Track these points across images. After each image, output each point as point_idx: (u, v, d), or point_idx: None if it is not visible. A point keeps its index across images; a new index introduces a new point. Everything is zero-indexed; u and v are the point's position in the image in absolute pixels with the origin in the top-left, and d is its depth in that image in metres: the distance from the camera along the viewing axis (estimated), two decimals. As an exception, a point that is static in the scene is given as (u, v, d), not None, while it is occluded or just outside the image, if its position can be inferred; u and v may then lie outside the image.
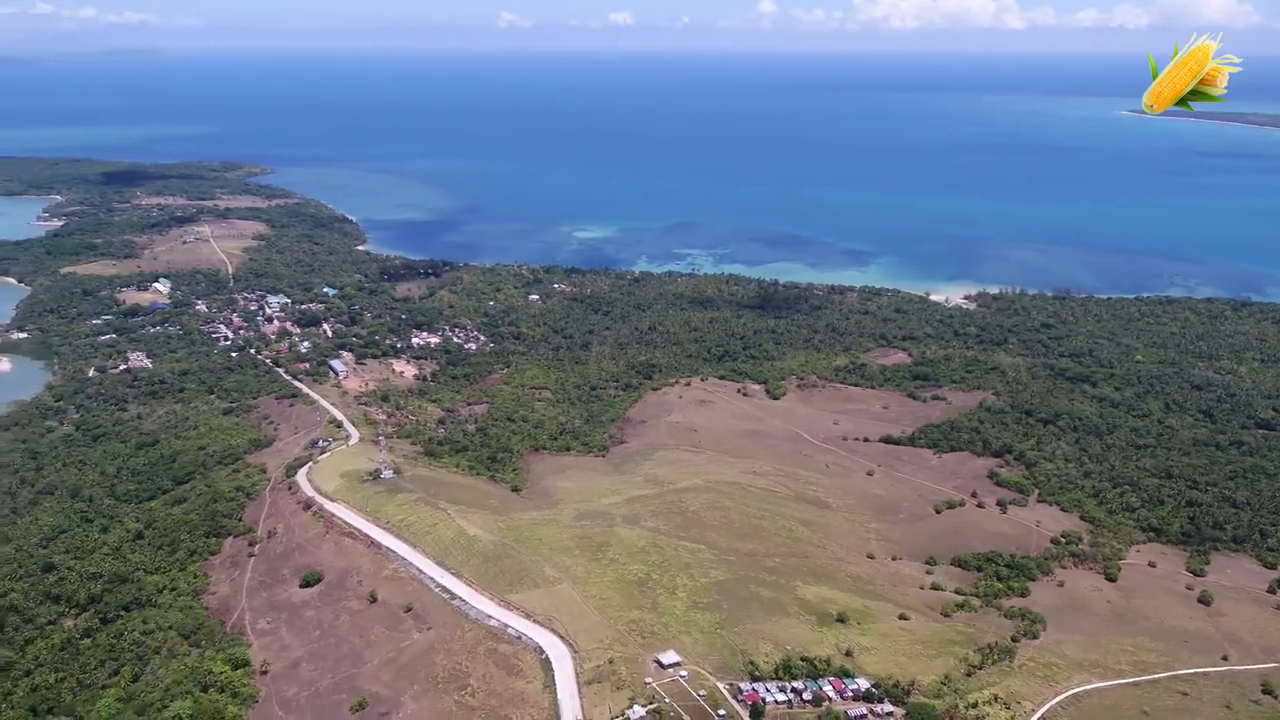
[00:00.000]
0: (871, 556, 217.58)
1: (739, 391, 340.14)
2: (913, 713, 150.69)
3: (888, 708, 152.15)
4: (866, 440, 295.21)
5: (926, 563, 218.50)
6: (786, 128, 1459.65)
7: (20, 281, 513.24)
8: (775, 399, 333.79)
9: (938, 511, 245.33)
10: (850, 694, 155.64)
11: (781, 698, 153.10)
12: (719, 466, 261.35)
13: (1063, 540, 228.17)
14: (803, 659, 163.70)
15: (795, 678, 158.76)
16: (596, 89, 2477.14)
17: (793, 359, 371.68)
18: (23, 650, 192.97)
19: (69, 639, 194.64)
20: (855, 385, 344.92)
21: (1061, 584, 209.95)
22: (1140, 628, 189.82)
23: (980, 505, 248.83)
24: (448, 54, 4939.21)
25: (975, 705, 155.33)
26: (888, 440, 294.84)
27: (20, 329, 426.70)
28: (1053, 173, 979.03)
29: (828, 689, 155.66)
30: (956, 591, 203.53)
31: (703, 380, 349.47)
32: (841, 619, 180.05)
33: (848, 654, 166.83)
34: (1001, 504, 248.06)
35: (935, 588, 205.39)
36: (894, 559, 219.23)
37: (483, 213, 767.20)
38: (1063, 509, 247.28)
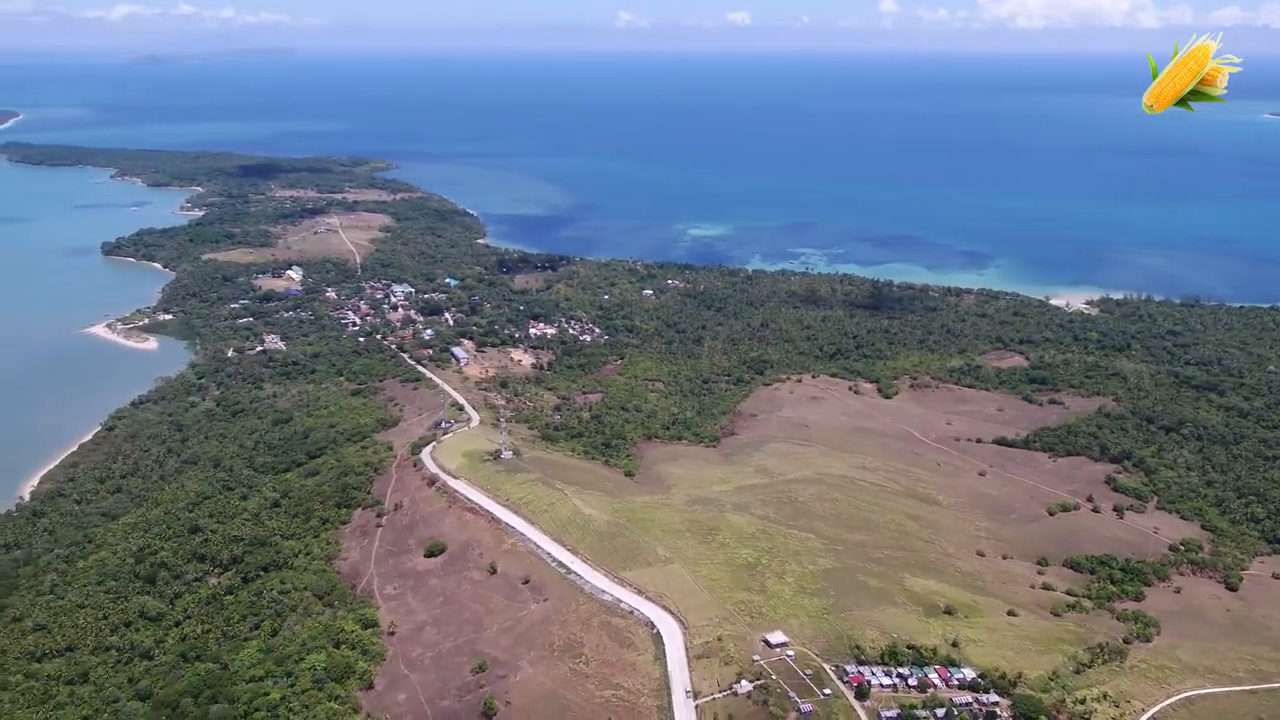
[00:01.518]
0: (981, 554, 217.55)
1: (850, 389, 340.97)
2: (1018, 704, 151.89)
3: (993, 698, 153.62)
4: (979, 441, 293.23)
5: (1037, 563, 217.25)
6: (906, 128, 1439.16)
7: (165, 267, 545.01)
8: (887, 398, 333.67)
9: (1051, 514, 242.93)
10: (956, 682, 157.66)
11: (886, 681, 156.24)
12: (829, 460, 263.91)
13: (1181, 547, 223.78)
14: (909, 647, 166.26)
15: (901, 664, 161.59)
16: (713, 89, 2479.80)
17: (906, 359, 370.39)
18: (173, 603, 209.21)
19: (214, 595, 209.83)
20: (969, 387, 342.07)
21: (1178, 590, 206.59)
22: (1260, 637, 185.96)
23: (1096, 510, 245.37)
24: (566, 54, 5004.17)
25: (1083, 701, 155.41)
26: (1001, 442, 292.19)
27: (166, 311, 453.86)
28: (1188, 177, 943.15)
29: (933, 676, 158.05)
30: (1068, 592, 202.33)
31: (814, 377, 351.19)
32: (949, 611, 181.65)
33: (954, 645, 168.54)
34: (1118, 509, 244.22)
35: (1046, 587, 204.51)
36: (1004, 558, 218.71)
37: (598, 209, 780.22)
38: (1182, 517, 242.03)
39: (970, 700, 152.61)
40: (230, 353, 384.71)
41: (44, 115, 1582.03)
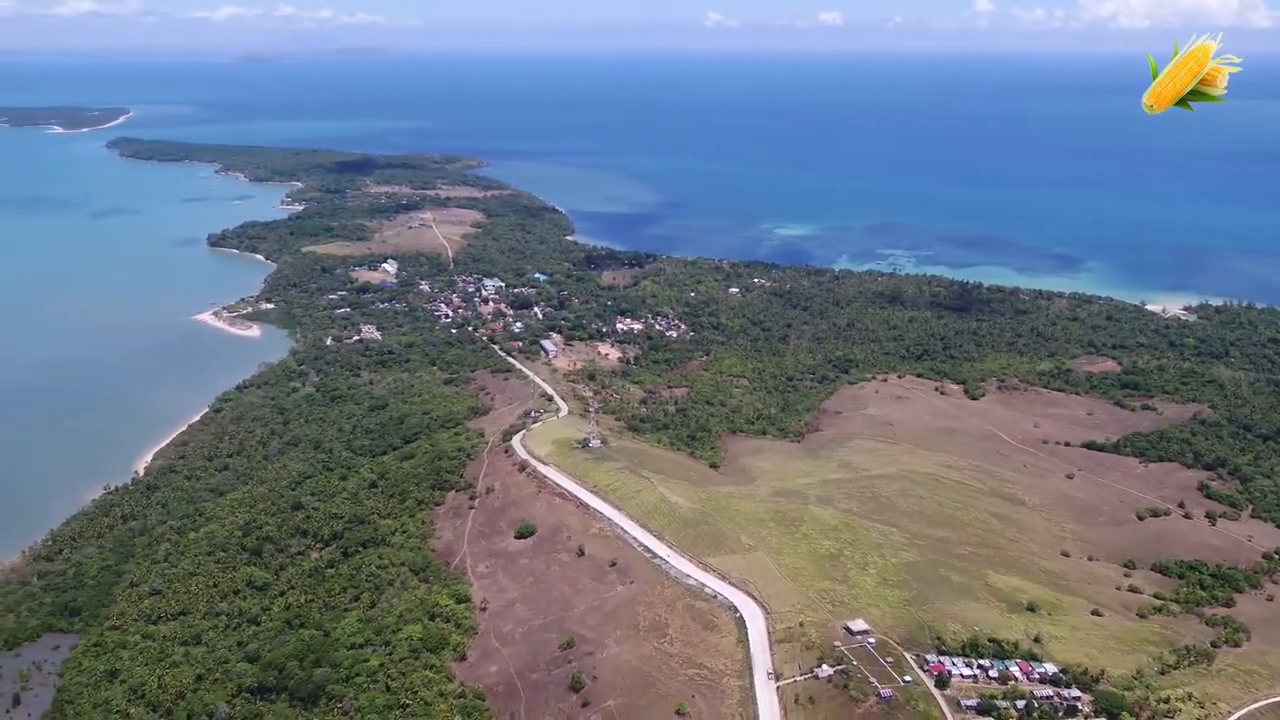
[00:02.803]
0: (1066, 554, 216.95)
1: (936, 390, 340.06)
2: (1101, 699, 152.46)
3: (1074, 693, 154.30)
4: (1067, 445, 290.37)
5: (1124, 565, 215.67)
6: (998, 130, 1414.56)
7: (267, 258, 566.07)
8: (974, 399, 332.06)
9: (1140, 519, 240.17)
10: (1037, 676, 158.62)
11: (967, 672, 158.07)
12: (913, 458, 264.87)
13: (1276, 555, 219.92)
14: (990, 640, 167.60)
15: (982, 656, 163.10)
16: (803, 89, 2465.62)
17: (994, 361, 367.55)
18: (277, 574, 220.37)
19: (316, 568, 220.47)
20: (1059, 390, 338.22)
21: (1271, 599, 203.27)
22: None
23: (1187, 516, 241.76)
24: (654, 53, 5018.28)
25: (1167, 701, 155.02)
26: (1090, 446, 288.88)
27: (268, 300, 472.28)
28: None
29: (1014, 669, 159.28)
30: (1155, 595, 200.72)
31: (900, 377, 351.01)
32: (1032, 608, 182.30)
33: (1036, 640, 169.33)
34: (1211, 516, 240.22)
35: (1132, 590, 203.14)
36: (1090, 559, 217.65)
37: (685, 207, 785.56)
38: (1278, 526, 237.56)
39: (1051, 694, 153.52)
40: (329, 341, 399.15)
41: (153, 112, 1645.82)
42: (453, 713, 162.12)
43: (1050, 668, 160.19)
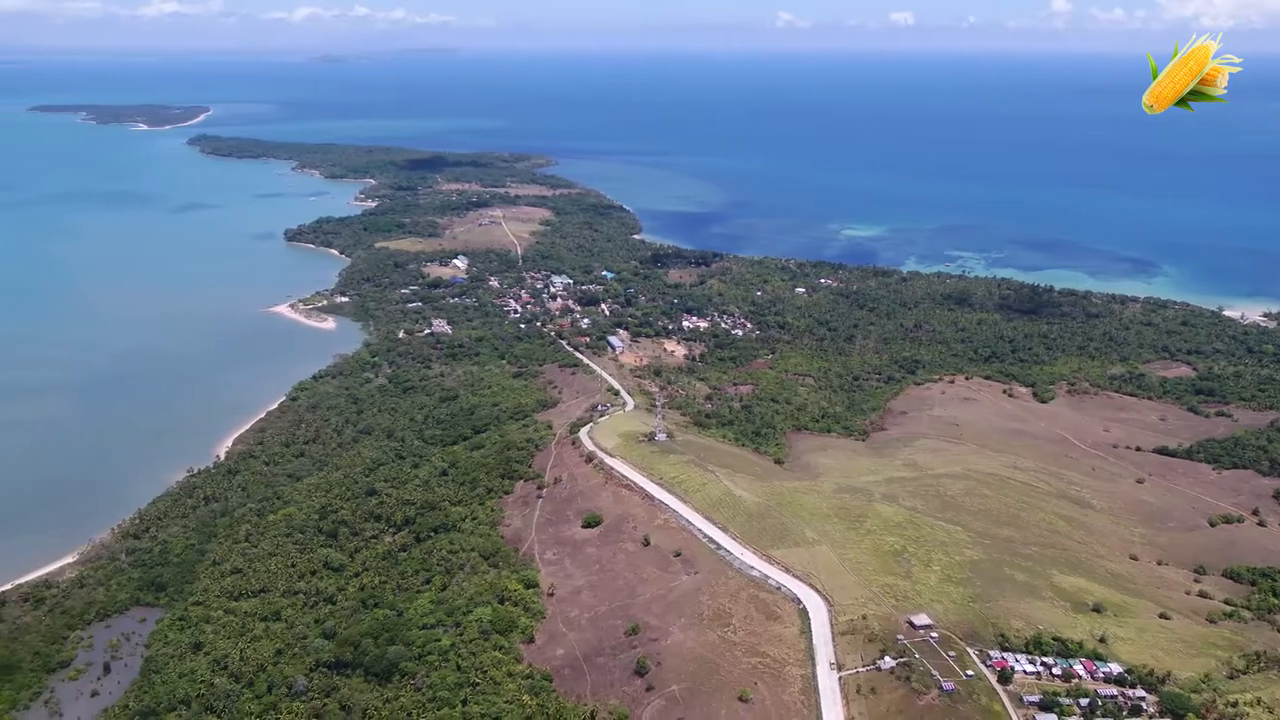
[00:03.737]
0: (1134, 558, 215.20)
1: (1004, 392, 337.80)
2: (1166, 700, 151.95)
3: (1140, 693, 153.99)
4: (1138, 449, 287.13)
5: (1195, 571, 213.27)
6: (1073, 132, 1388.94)
7: (342, 253, 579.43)
8: (1042, 402, 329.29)
9: (1212, 525, 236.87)
10: (1101, 676, 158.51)
11: (1030, 669, 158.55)
12: (979, 458, 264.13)
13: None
14: (1054, 638, 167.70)
15: (1045, 654, 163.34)
16: (875, 90, 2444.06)
17: (1064, 364, 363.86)
18: (352, 556, 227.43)
19: (389, 551, 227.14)
20: (1130, 395, 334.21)
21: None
22: None
23: (1261, 524, 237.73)
24: (725, 54, 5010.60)
25: (1235, 705, 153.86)
26: (1162, 451, 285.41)
27: (342, 294, 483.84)
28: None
29: (1078, 668, 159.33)
30: (1225, 601, 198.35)
31: (967, 379, 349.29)
32: (1097, 609, 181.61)
33: (1101, 640, 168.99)
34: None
35: (1202, 595, 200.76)
36: (1159, 563, 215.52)
37: (751, 207, 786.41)
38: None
39: (1116, 693, 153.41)
40: (401, 334, 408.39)
41: (232, 111, 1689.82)
42: (521, 692, 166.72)
43: (1115, 668, 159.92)
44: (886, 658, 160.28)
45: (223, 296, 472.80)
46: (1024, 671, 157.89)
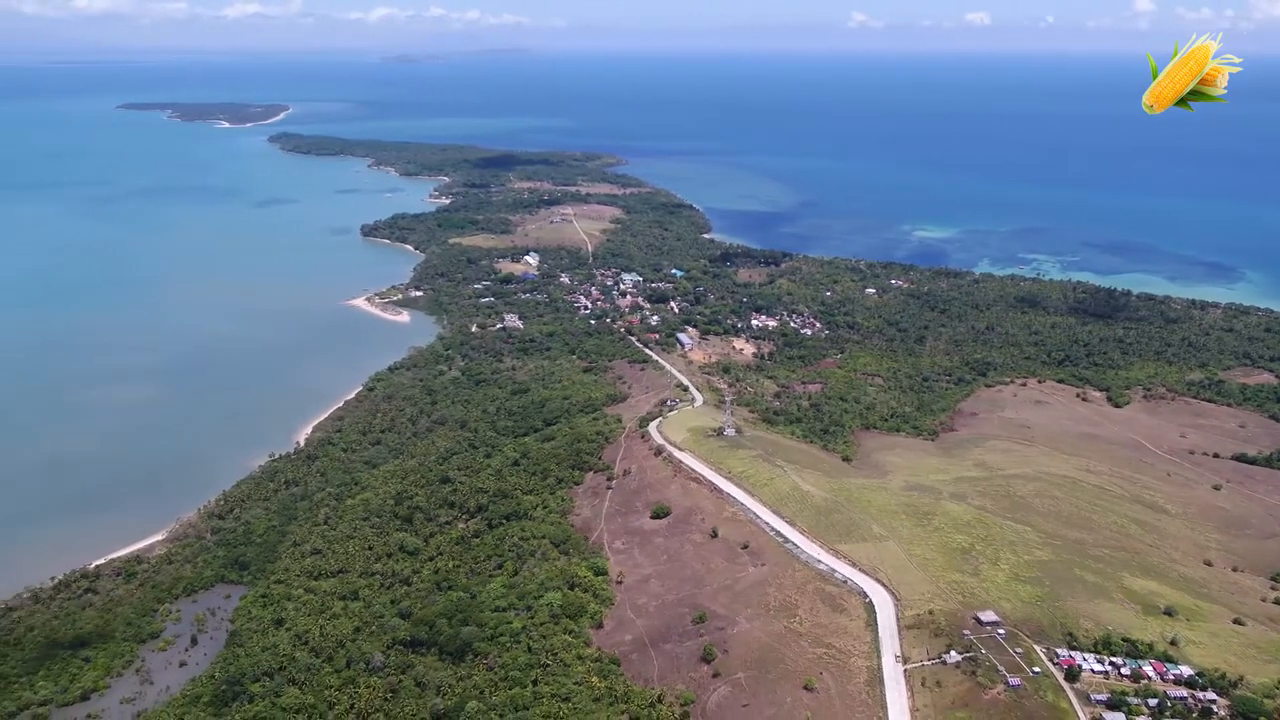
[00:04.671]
0: (1209, 563, 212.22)
1: (1078, 396, 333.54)
2: (1238, 704, 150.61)
3: (1210, 695, 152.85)
4: (1216, 456, 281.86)
5: (1272, 579, 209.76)
6: (1155, 134, 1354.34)
7: (416, 248, 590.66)
8: (1117, 406, 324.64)
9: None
10: (1171, 678, 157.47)
11: (1098, 668, 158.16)
12: (1051, 460, 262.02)
13: None
14: (1124, 639, 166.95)
15: (1114, 654, 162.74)
16: (948, 91, 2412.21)
17: (1140, 369, 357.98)
18: (427, 540, 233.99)
19: (462, 537, 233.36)
20: (1209, 401, 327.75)
21: None
22: None
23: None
24: (796, 54, 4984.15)
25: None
26: (1241, 458, 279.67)
27: (417, 288, 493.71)
28: None
29: (1148, 669, 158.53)
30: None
31: (1040, 382, 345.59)
32: (1169, 612, 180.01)
33: (1172, 643, 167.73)
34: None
35: (1279, 602, 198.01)
36: (1234, 570, 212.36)
37: (821, 207, 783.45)
38: None
39: (1185, 695, 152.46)
40: (474, 328, 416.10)
41: (310, 109, 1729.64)
42: (590, 674, 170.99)
43: (1186, 670, 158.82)
44: (952, 652, 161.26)
45: (302, 289, 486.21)
46: (1091, 670, 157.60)
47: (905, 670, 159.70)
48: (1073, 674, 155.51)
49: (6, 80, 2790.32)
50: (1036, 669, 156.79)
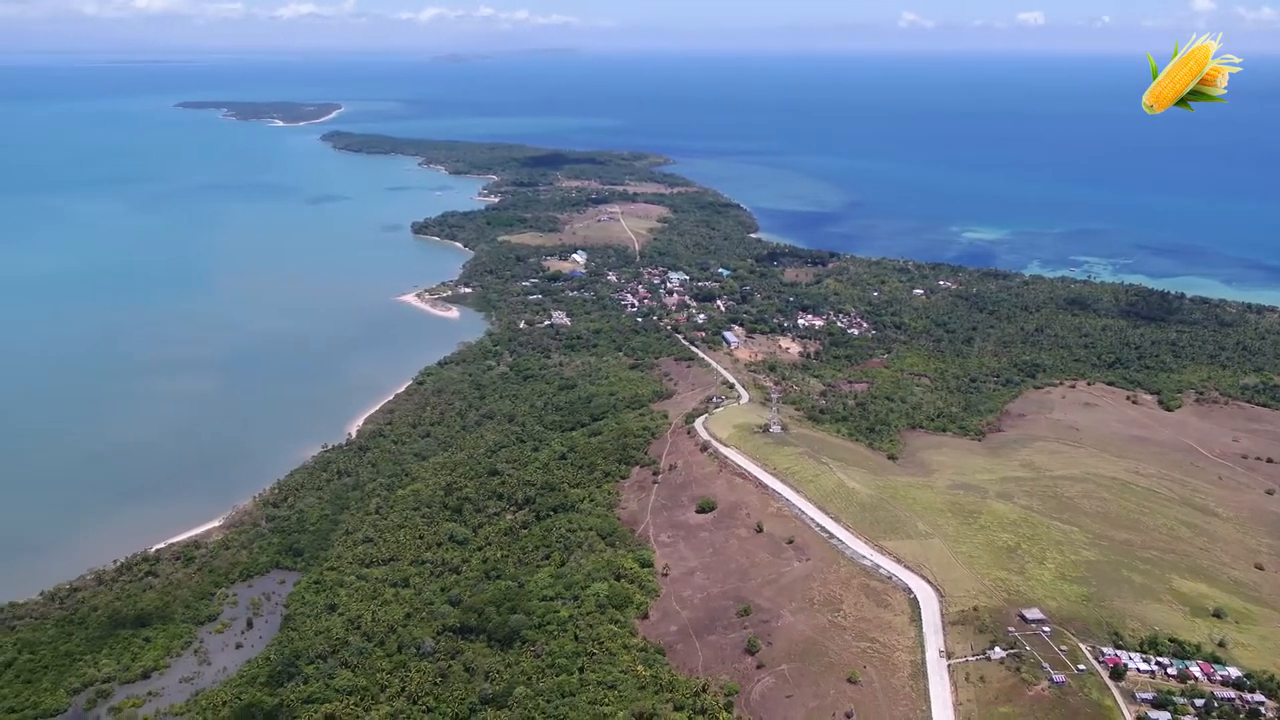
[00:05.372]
0: (1260, 567, 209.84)
1: (1128, 399, 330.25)
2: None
3: (1259, 697, 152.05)
4: (1270, 461, 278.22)
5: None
6: (1215, 136, 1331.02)
7: (466, 246, 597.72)
8: (1168, 410, 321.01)
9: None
10: (1219, 679, 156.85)
11: (1144, 668, 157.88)
12: (1099, 462, 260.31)
13: None
14: (1171, 640, 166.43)
15: (1161, 655, 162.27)
16: (997, 91, 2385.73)
17: (1193, 373, 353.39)
18: (476, 531, 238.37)
19: (510, 528, 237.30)
20: (1264, 406, 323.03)
21: None
22: None
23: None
24: (846, 54, 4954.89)
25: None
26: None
27: (466, 285, 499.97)
28: None
29: (1194, 670, 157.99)
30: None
31: (1089, 384, 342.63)
32: (1218, 614, 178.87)
33: (1220, 645, 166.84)
34: None
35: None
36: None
37: (869, 208, 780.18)
38: None
39: (1233, 696, 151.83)
40: (522, 324, 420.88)
41: (362, 108, 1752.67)
42: (635, 663, 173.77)
43: (1234, 671, 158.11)
44: (996, 648, 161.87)
45: (354, 284, 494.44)
46: (1137, 669, 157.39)
47: (949, 665, 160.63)
48: (1118, 672, 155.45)
49: (69, 80, 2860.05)
50: (1081, 666, 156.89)
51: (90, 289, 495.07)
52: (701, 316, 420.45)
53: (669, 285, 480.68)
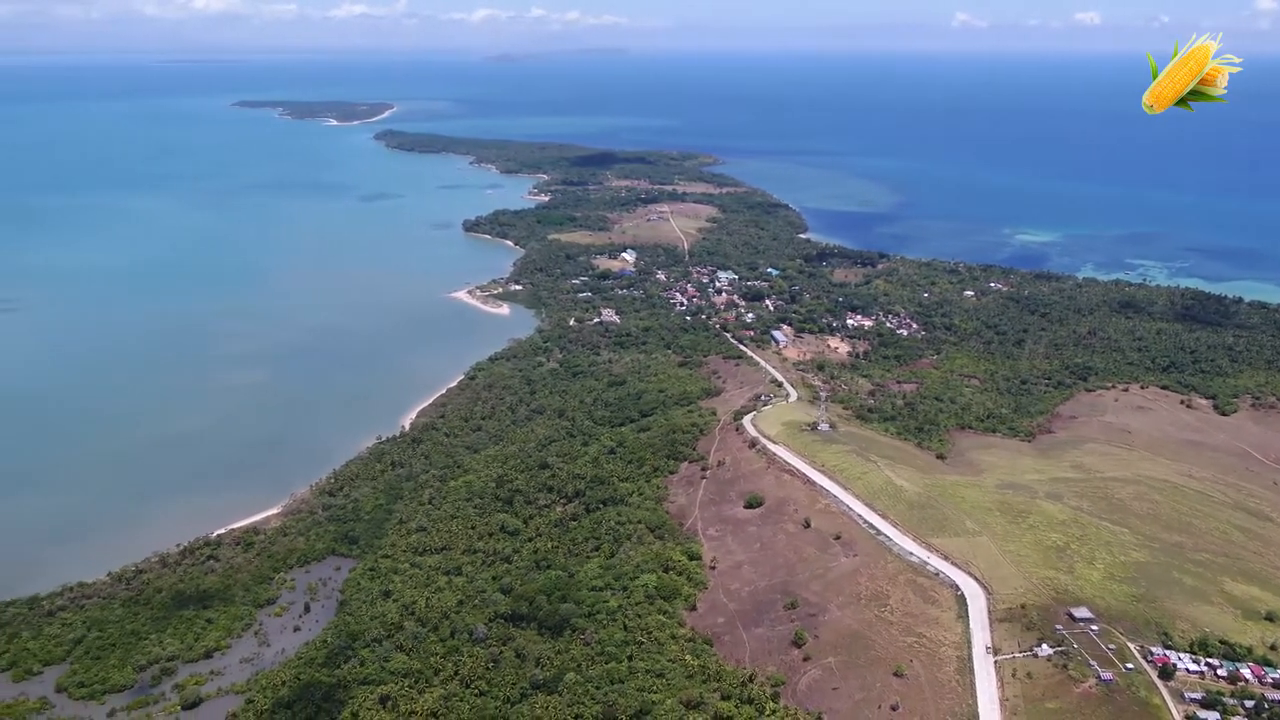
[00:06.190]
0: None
1: (1182, 403, 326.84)
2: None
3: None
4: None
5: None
6: (1275, 138, 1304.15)
7: (516, 244, 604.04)
8: (1223, 414, 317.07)
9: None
10: (1270, 681, 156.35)
11: (1194, 668, 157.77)
12: (1151, 465, 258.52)
13: None
14: (1221, 641, 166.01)
15: (1211, 656, 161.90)
16: (1052, 93, 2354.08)
17: (1249, 378, 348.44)
18: (526, 522, 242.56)
19: (560, 520, 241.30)
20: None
21: None
22: None
23: None
24: (898, 54, 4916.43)
25: None
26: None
27: (516, 282, 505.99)
28: None
29: (1245, 671, 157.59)
30: None
31: (1142, 388, 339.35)
32: (1270, 617, 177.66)
33: (1273, 648, 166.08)
34: None
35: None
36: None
37: (919, 208, 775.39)
38: None
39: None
40: (571, 322, 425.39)
41: (414, 107, 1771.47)
42: (683, 653, 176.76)
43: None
44: (1044, 645, 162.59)
45: (407, 281, 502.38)
46: (1187, 670, 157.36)
47: (995, 661, 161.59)
48: (1167, 672, 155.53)
49: (130, 79, 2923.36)
50: (1130, 665, 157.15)
51: (153, 283, 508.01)
52: (750, 315, 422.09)
53: (718, 284, 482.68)
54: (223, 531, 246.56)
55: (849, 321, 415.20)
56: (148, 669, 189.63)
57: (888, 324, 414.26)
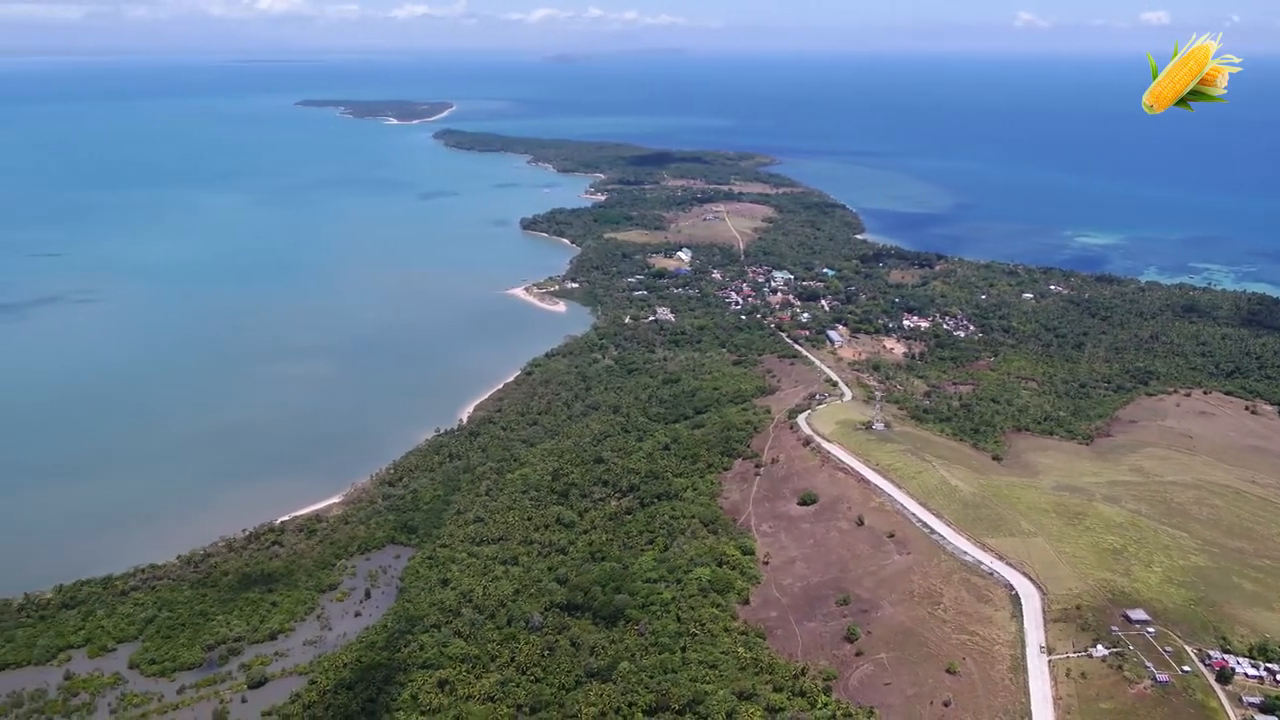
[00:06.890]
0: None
1: (1247, 409, 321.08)
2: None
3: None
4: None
5: None
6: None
7: (573, 242, 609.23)
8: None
9: None
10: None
11: (1253, 673, 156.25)
12: (1213, 470, 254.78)
13: None
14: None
15: (1271, 661, 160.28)
16: (1116, 93, 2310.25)
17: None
18: (581, 515, 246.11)
19: (615, 513, 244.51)
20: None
21: None
22: None
23: None
24: (960, 55, 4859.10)
25: None
26: None
27: (573, 280, 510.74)
28: None
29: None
30: None
31: (1205, 393, 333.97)
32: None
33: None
34: None
35: None
36: None
37: (977, 210, 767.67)
38: None
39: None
40: (627, 319, 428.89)
41: (473, 107, 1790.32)
42: (736, 645, 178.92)
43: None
44: (1099, 646, 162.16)
45: (465, 277, 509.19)
46: (1245, 674, 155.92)
47: (1050, 661, 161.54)
48: (1225, 676, 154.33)
49: (197, 78, 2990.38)
50: (1186, 668, 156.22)
51: (218, 277, 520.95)
52: (805, 315, 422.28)
53: (773, 284, 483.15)
54: (286, 518, 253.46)
55: (905, 322, 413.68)
56: (215, 648, 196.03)
57: (944, 325, 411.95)
